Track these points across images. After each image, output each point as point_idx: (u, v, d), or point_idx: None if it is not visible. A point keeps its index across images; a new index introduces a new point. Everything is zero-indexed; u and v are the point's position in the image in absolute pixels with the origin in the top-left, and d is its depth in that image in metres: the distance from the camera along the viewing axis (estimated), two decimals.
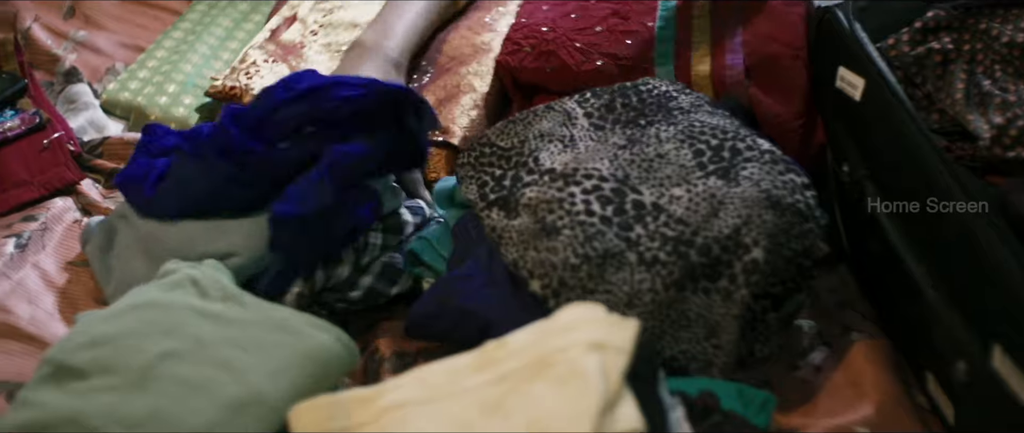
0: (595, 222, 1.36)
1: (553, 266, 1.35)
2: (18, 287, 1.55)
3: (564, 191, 1.39)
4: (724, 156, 1.41)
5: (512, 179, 1.45)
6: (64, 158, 1.75)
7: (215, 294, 1.39)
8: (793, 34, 1.65)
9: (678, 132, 1.45)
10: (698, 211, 1.36)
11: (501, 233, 1.41)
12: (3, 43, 1.96)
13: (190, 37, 2.07)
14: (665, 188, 1.39)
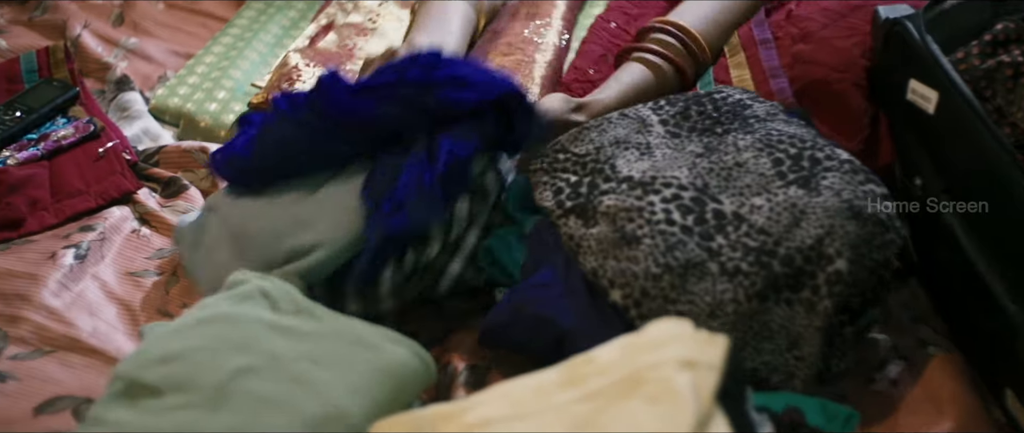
0: (676, 231, 1.34)
1: (634, 275, 1.33)
2: (79, 299, 1.52)
3: (643, 200, 1.38)
4: (803, 165, 1.39)
5: (589, 186, 1.43)
6: (120, 167, 1.72)
7: (287, 307, 1.37)
8: (841, 57, 1.62)
9: (756, 140, 1.43)
10: (780, 221, 1.34)
11: (579, 241, 1.39)
12: (53, 50, 1.93)
13: (239, 43, 2.05)
14: (745, 197, 1.37)
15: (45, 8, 2.11)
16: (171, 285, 1.58)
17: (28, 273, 1.54)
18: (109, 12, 2.14)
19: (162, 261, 1.62)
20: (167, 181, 1.74)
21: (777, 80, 1.65)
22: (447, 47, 1.67)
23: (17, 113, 1.80)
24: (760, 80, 1.67)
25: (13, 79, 1.90)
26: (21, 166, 1.71)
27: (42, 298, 1.50)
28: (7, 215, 1.63)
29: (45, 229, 1.65)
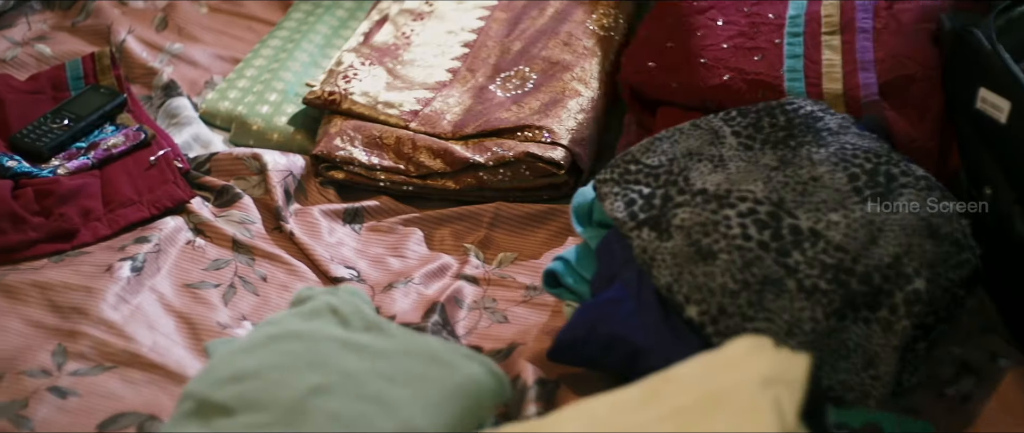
0: (753, 247, 1.32)
1: (711, 292, 1.31)
2: (137, 312, 1.50)
3: (719, 213, 1.36)
4: (879, 181, 1.37)
5: (662, 198, 1.41)
6: (172, 176, 1.70)
7: (357, 323, 1.35)
8: (927, 53, 1.62)
9: (830, 154, 1.41)
10: (857, 238, 1.32)
11: (653, 255, 1.37)
12: (99, 56, 1.90)
13: (289, 45, 2.02)
14: (821, 213, 1.35)
15: (87, 13, 2.08)
16: (229, 297, 1.56)
17: (84, 286, 1.51)
18: (152, 17, 2.12)
19: (219, 272, 1.59)
20: (220, 190, 1.71)
21: (866, 74, 1.64)
22: None
23: (65, 121, 1.78)
24: (849, 70, 1.65)
25: (59, 86, 1.87)
26: (72, 175, 1.69)
27: (100, 312, 1.48)
28: (60, 226, 1.61)
29: (99, 240, 1.62)
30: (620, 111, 1.85)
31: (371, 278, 1.61)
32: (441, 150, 1.71)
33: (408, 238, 1.68)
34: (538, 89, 1.80)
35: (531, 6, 2.01)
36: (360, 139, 1.75)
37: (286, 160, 1.75)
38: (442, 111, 1.79)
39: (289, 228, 1.66)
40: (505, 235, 1.69)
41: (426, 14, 2.01)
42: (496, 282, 1.62)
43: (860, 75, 1.66)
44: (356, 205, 1.73)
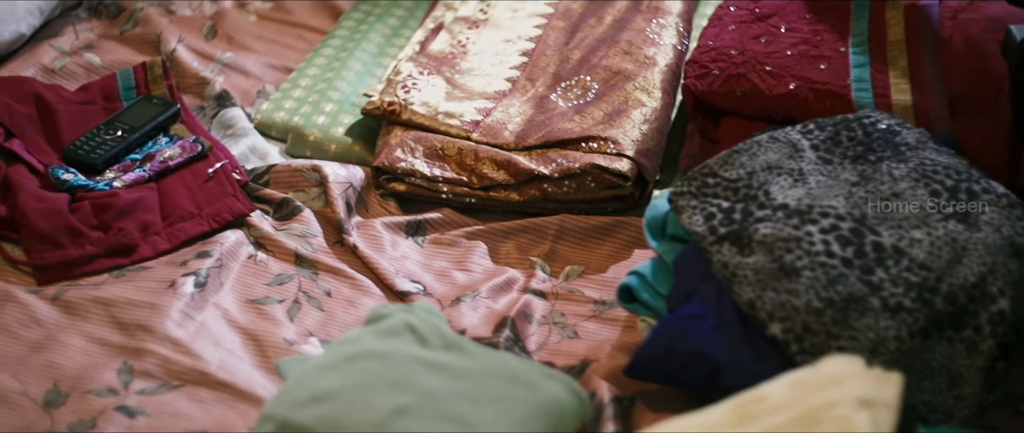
0: (836, 264, 1.30)
1: (795, 309, 1.29)
2: (203, 329, 1.47)
3: (801, 229, 1.33)
4: (961, 198, 1.35)
5: (743, 213, 1.38)
6: (231, 188, 1.67)
7: (436, 342, 1.32)
8: (996, 64, 1.59)
9: (910, 170, 1.39)
10: (941, 256, 1.30)
11: (734, 271, 1.34)
12: (151, 66, 1.87)
13: (342, 54, 1.99)
14: (904, 230, 1.33)
15: (135, 21, 2.06)
16: (294, 313, 1.53)
17: (148, 302, 1.48)
18: (200, 25, 2.09)
19: (283, 287, 1.57)
20: (279, 202, 1.69)
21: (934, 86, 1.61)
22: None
23: (118, 132, 1.75)
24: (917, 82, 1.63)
25: (110, 96, 1.84)
26: (128, 188, 1.66)
27: (166, 329, 1.45)
28: (119, 241, 1.58)
29: (158, 255, 1.60)
30: (682, 120, 1.82)
31: (437, 292, 1.58)
32: (504, 161, 1.69)
33: (472, 251, 1.65)
34: (600, 99, 1.78)
35: (588, 14, 1.98)
36: (421, 150, 1.72)
37: (346, 172, 1.72)
38: (503, 121, 1.77)
39: (352, 241, 1.63)
40: (570, 248, 1.66)
41: (481, 22, 1.99)
42: (564, 296, 1.59)
43: (929, 87, 1.63)
44: (418, 217, 1.70)
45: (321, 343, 1.49)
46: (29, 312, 1.48)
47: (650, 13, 1.92)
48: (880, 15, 1.75)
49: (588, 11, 1.99)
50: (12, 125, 1.73)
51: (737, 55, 1.71)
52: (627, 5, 1.96)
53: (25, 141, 1.73)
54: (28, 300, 1.50)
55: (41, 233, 1.57)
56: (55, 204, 1.60)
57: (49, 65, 1.95)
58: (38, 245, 1.57)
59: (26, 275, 1.57)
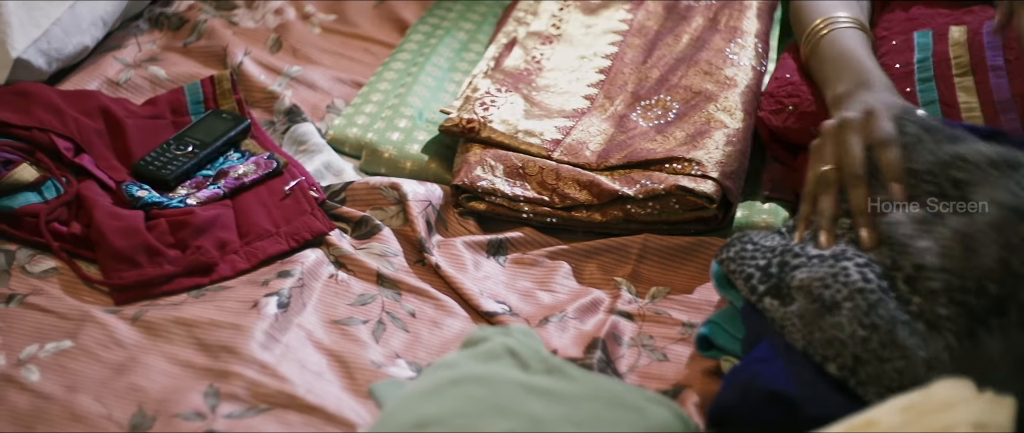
0: (874, 289, 1.30)
1: (842, 343, 1.29)
2: (288, 351, 1.44)
3: (836, 266, 1.33)
4: (949, 191, 1.35)
5: (779, 266, 1.39)
6: (309, 206, 1.64)
7: (537, 366, 1.30)
8: None
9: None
10: (953, 255, 1.30)
11: (782, 322, 1.35)
12: (219, 80, 1.84)
13: (412, 68, 1.96)
14: (913, 246, 1.33)
15: (199, 33, 2.02)
16: (379, 334, 1.50)
17: (232, 323, 1.45)
18: (265, 38, 2.05)
19: (366, 307, 1.53)
20: (358, 221, 1.65)
21: (1006, 115, 1.58)
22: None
23: (189, 148, 1.71)
24: (989, 112, 1.59)
25: (179, 111, 1.81)
26: (204, 206, 1.62)
27: (251, 351, 1.41)
28: (198, 259, 1.54)
29: (238, 274, 1.56)
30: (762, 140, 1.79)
31: (523, 312, 1.55)
32: (587, 181, 1.65)
33: (555, 271, 1.62)
34: (681, 119, 1.75)
35: (664, 32, 1.95)
36: (501, 169, 1.69)
37: (424, 190, 1.68)
38: (584, 140, 1.74)
39: (434, 261, 1.60)
40: (655, 268, 1.63)
41: (555, 37, 1.96)
42: (651, 318, 1.56)
43: (1002, 117, 1.60)
44: (500, 236, 1.67)
45: (408, 365, 1.46)
46: (109, 333, 1.45)
47: (729, 33, 1.89)
48: (942, 47, 1.70)
49: (664, 29, 1.96)
50: (81, 140, 1.70)
51: (809, 91, 1.69)
52: (704, 24, 1.93)
53: (94, 156, 1.69)
54: (108, 320, 1.47)
55: (118, 252, 1.54)
56: (132, 222, 1.57)
57: (114, 78, 1.92)
58: (115, 264, 1.53)
59: (102, 294, 1.53)
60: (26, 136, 1.68)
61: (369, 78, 1.98)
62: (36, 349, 1.44)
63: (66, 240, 1.58)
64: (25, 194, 1.62)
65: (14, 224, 1.60)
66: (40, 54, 1.84)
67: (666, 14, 1.99)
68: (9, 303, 1.51)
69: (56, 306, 1.50)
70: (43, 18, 1.86)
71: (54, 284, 1.54)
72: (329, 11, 2.15)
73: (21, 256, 1.58)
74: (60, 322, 1.48)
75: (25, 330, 1.47)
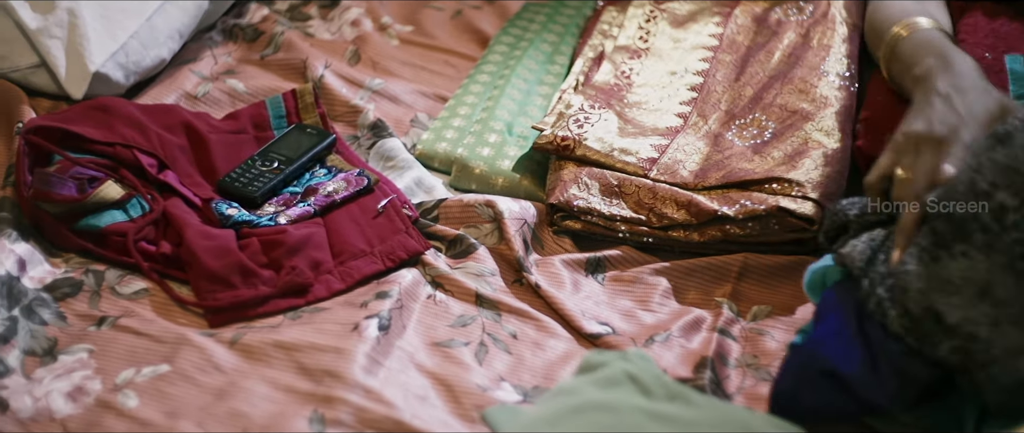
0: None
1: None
2: (391, 374, 1.40)
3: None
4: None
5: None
6: (403, 225, 1.60)
7: (659, 392, 1.27)
8: None
9: None
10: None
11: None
12: (301, 93, 1.80)
13: (498, 81, 1.93)
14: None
15: (277, 46, 1.99)
16: (481, 356, 1.46)
17: (333, 347, 1.41)
18: (343, 50, 2.02)
19: (466, 329, 1.50)
20: (453, 239, 1.62)
21: None
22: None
23: (275, 164, 1.68)
24: None
25: (261, 125, 1.77)
26: (295, 225, 1.59)
27: (355, 375, 1.38)
28: (293, 280, 1.51)
29: (333, 295, 1.53)
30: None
31: (626, 332, 1.52)
32: (686, 201, 1.62)
33: (655, 290, 1.59)
34: (778, 138, 1.71)
35: (755, 48, 1.92)
36: (597, 187, 1.66)
37: (519, 207, 1.65)
38: (680, 159, 1.70)
39: (534, 280, 1.56)
40: (755, 287, 1.60)
41: (643, 52, 1.92)
42: (754, 337, 1.53)
43: None
44: (598, 255, 1.63)
45: (513, 388, 1.43)
46: (207, 357, 1.42)
47: (821, 50, 1.86)
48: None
49: (755, 45, 1.93)
50: (165, 156, 1.66)
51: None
52: (796, 41, 1.90)
53: (178, 173, 1.66)
54: (204, 344, 1.43)
55: (212, 272, 1.50)
56: (224, 241, 1.53)
57: (192, 91, 1.88)
58: (208, 285, 1.50)
59: (196, 316, 1.50)
60: (109, 152, 1.64)
61: (452, 91, 1.95)
62: (132, 373, 1.40)
63: (156, 260, 1.55)
64: (111, 212, 1.59)
65: (100, 243, 1.57)
66: (118, 67, 1.81)
67: (756, 28, 1.96)
68: (101, 326, 1.48)
69: (150, 329, 1.47)
70: (120, 31, 1.83)
71: (146, 306, 1.51)
72: (406, 22, 2.12)
73: (110, 277, 1.55)
74: (155, 345, 1.44)
75: (119, 354, 1.44)
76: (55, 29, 1.80)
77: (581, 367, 1.31)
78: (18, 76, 1.84)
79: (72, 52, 1.79)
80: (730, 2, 2.02)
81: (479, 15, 2.15)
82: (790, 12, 1.96)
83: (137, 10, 1.86)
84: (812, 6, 1.96)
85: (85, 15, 1.81)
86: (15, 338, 1.44)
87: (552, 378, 1.44)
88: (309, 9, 2.11)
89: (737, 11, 1.99)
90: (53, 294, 1.51)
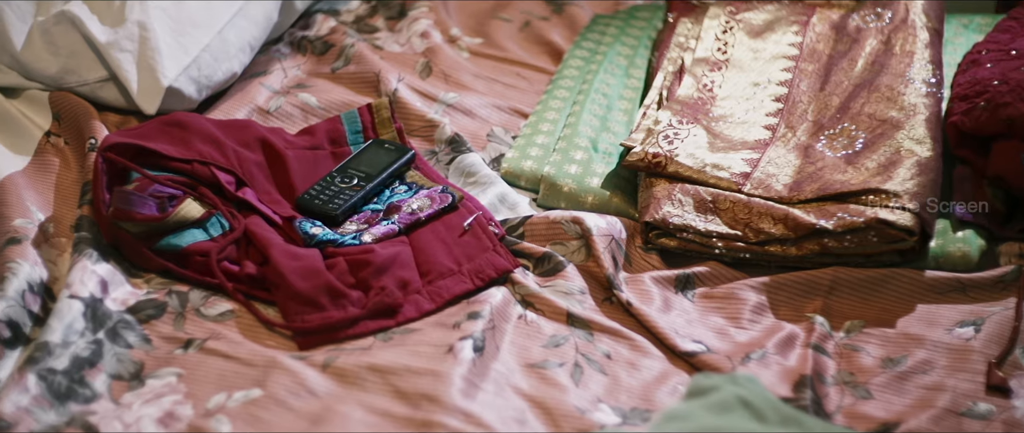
0: None
1: None
2: (489, 397, 1.38)
3: None
4: None
5: None
6: (490, 242, 1.57)
7: (772, 416, 1.24)
8: None
9: None
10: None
11: None
12: (378, 108, 1.77)
13: (578, 96, 1.90)
14: None
15: (347, 59, 1.96)
16: (577, 377, 1.44)
17: (429, 370, 1.39)
18: (413, 62, 1.99)
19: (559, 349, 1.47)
20: (541, 257, 1.59)
21: None
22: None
23: (354, 181, 1.65)
24: None
25: (337, 141, 1.75)
26: (380, 243, 1.56)
27: (453, 399, 1.35)
28: (382, 301, 1.48)
29: (423, 315, 1.50)
30: (948, 166, 1.73)
31: (721, 350, 1.49)
32: (782, 216, 1.59)
33: (745, 306, 1.57)
34: (869, 148, 1.69)
35: (837, 56, 1.89)
36: (690, 204, 1.63)
37: (606, 223, 1.62)
38: (773, 173, 1.68)
39: (625, 298, 1.53)
40: (846, 302, 1.57)
41: (723, 63, 1.90)
42: (849, 353, 1.50)
43: None
44: (687, 271, 1.61)
45: (612, 410, 1.40)
46: (300, 381, 1.39)
47: (905, 57, 1.83)
48: None
49: (837, 53, 1.90)
50: (243, 173, 1.63)
51: (1000, 85, 1.67)
52: (879, 48, 1.88)
53: (256, 190, 1.63)
54: (296, 368, 1.41)
55: (300, 294, 1.47)
56: (311, 262, 1.50)
57: (263, 106, 1.86)
58: (297, 306, 1.47)
59: (284, 338, 1.47)
60: (187, 169, 1.61)
61: (526, 104, 1.93)
62: (224, 398, 1.38)
63: (240, 280, 1.52)
64: (191, 231, 1.56)
65: (182, 263, 1.54)
66: (190, 82, 1.79)
67: (836, 36, 1.93)
68: (188, 348, 1.45)
69: (239, 352, 1.44)
70: (192, 45, 1.80)
71: (232, 328, 1.49)
72: (475, 34, 2.10)
73: (194, 298, 1.52)
74: (245, 369, 1.42)
75: (209, 378, 1.41)
76: (126, 43, 1.78)
77: (690, 391, 1.28)
78: (86, 90, 1.82)
79: (144, 66, 1.77)
80: (806, 10, 1.99)
81: (547, 26, 2.13)
82: (868, 18, 1.94)
83: (208, 23, 1.84)
84: (890, 12, 1.93)
85: (156, 28, 1.78)
86: (101, 362, 1.42)
87: (650, 399, 1.42)
88: (375, 21, 2.09)
89: (814, 19, 1.97)
90: (137, 316, 1.49)
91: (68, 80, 1.82)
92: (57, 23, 1.81)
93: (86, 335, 1.43)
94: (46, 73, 1.82)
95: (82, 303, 1.45)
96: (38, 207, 1.64)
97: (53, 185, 1.71)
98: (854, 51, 1.89)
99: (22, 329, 1.45)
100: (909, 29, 1.89)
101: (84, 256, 1.51)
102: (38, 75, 1.83)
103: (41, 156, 1.76)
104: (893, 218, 1.56)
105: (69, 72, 1.81)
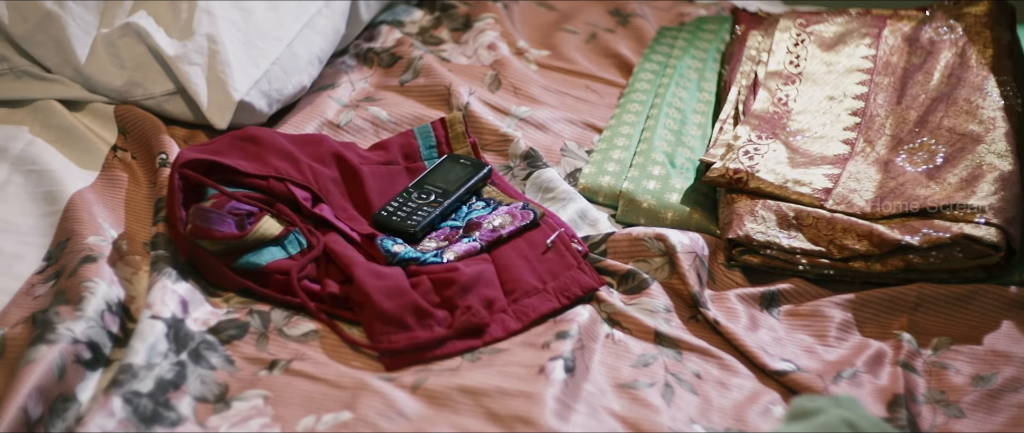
0: None
1: None
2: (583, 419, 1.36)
3: None
4: None
5: None
6: (574, 260, 1.56)
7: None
8: None
9: None
10: None
11: None
12: (451, 122, 1.75)
13: (651, 111, 1.88)
14: None
15: (416, 71, 1.94)
16: (669, 398, 1.42)
17: (521, 391, 1.37)
18: (481, 75, 1.97)
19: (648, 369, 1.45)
20: (625, 274, 1.57)
21: None
22: None
23: (432, 197, 1.63)
24: None
25: (412, 156, 1.73)
26: (462, 261, 1.54)
27: (547, 421, 1.33)
28: (469, 320, 1.46)
29: (510, 335, 1.48)
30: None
31: (810, 369, 1.48)
32: (866, 232, 1.58)
33: (831, 323, 1.55)
34: (950, 162, 1.67)
35: (912, 69, 1.88)
36: (773, 220, 1.61)
37: (689, 240, 1.61)
38: (855, 188, 1.66)
39: (712, 316, 1.52)
40: (933, 318, 1.56)
41: (796, 77, 1.88)
42: (937, 371, 1.49)
43: None
44: (772, 289, 1.59)
45: (705, 430, 1.38)
46: (390, 403, 1.37)
47: (981, 69, 1.81)
48: None
49: (912, 66, 1.89)
50: (319, 189, 1.62)
51: None
52: (954, 60, 1.86)
53: (333, 206, 1.61)
54: (385, 389, 1.39)
55: (386, 314, 1.45)
56: (396, 281, 1.48)
57: (333, 119, 1.84)
58: (383, 327, 1.45)
59: (370, 359, 1.45)
60: (262, 186, 1.60)
61: (598, 118, 1.91)
62: (313, 421, 1.36)
63: (323, 300, 1.51)
64: (269, 249, 1.54)
65: (261, 282, 1.52)
66: (261, 95, 1.77)
67: (909, 49, 1.92)
68: (272, 370, 1.43)
69: (325, 373, 1.42)
70: (262, 58, 1.79)
71: (317, 348, 1.47)
72: (541, 46, 2.08)
73: (277, 317, 1.50)
74: (333, 391, 1.40)
75: (296, 400, 1.39)
76: (194, 56, 1.76)
77: (792, 414, 1.26)
78: (152, 103, 1.80)
79: (214, 80, 1.75)
80: (877, 22, 1.97)
81: (614, 38, 2.11)
82: (941, 30, 1.93)
83: (277, 36, 1.82)
84: (962, 23, 1.91)
85: (225, 41, 1.77)
86: (185, 384, 1.40)
87: (743, 419, 1.40)
88: (440, 32, 2.07)
89: (886, 32, 1.95)
90: (219, 336, 1.47)
91: (133, 93, 1.80)
92: (122, 35, 1.79)
93: (169, 357, 1.42)
94: (111, 86, 1.80)
95: (164, 324, 1.43)
96: (110, 224, 1.62)
97: (123, 201, 1.69)
98: (929, 64, 1.87)
99: (102, 350, 1.44)
100: (984, 40, 1.87)
101: (163, 275, 1.49)
102: (102, 88, 1.81)
103: (109, 171, 1.74)
104: (979, 234, 1.55)
105: (135, 85, 1.80)
